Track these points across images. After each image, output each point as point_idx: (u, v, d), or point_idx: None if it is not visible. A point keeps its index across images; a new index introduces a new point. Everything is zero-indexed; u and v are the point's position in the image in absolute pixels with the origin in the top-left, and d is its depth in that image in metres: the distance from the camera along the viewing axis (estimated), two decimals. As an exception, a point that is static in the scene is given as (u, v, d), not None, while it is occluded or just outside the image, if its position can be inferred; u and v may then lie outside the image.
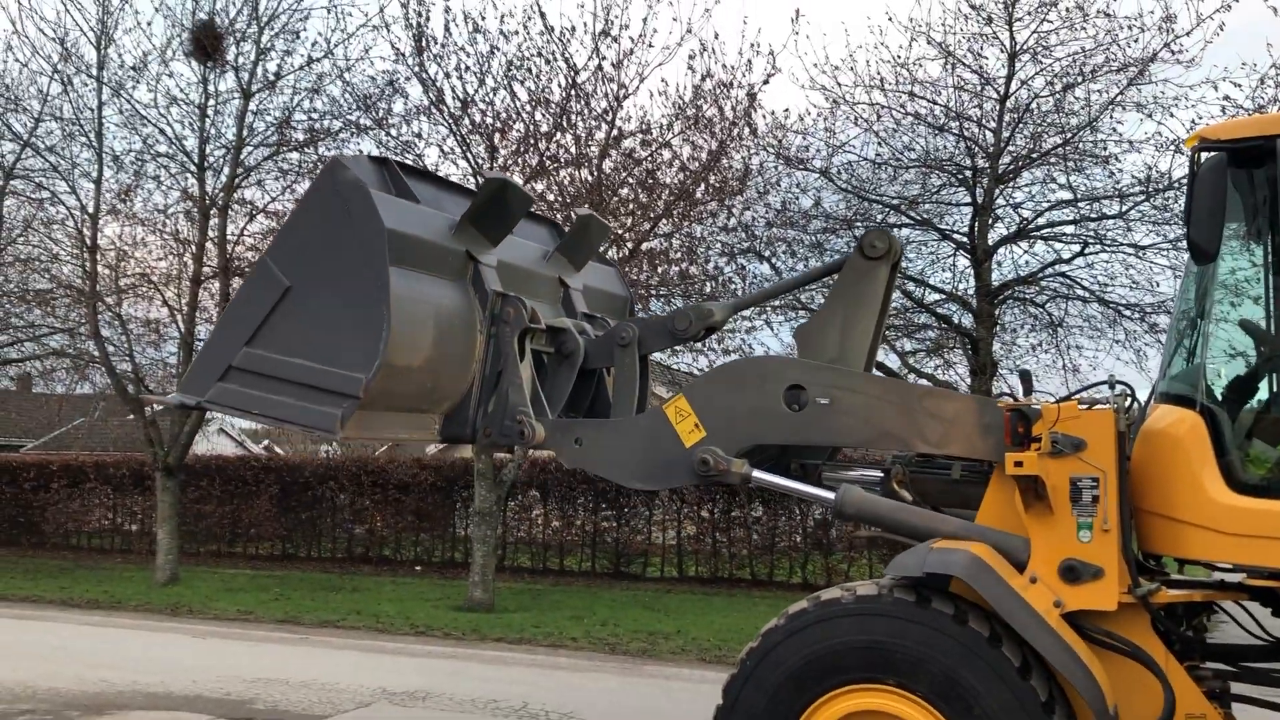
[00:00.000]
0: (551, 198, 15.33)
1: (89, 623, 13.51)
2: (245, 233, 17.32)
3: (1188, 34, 14.09)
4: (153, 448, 17.27)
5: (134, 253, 18.21)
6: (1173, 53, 14.24)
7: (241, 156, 16.76)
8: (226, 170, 16.86)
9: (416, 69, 15.22)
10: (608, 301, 6.45)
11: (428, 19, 15.22)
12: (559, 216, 15.45)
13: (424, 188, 5.42)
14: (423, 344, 4.99)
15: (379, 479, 21.05)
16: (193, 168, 16.99)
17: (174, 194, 17.74)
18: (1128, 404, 4.77)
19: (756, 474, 5.05)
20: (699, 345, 15.46)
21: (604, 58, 14.92)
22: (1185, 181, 4.68)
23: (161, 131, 17.08)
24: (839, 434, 5.02)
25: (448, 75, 15.12)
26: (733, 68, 15.39)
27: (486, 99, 15.24)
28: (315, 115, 16.84)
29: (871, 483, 5.18)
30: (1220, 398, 4.77)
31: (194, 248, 17.01)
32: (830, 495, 5.00)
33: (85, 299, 17.31)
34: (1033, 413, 4.53)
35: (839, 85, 16.15)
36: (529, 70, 15.14)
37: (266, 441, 39.57)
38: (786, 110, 17.92)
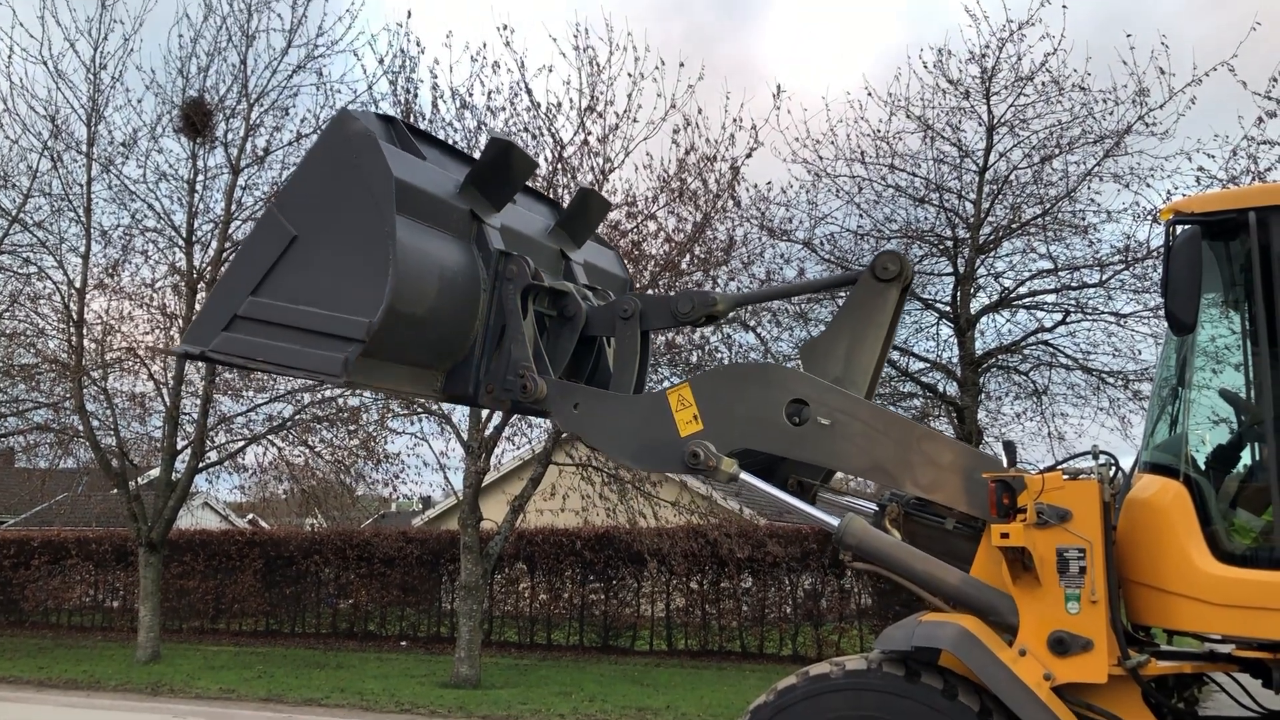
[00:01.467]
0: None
1: (67, 704, 13.25)
2: (232, 306, 17.32)
3: (1160, 107, 14.41)
4: (136, 523, 17.10)
5: (120, 327, 18.21)
6: (1147, 125, 14.55)
7: (229, 231, 16.85)
8: (214, 244, 16.94)
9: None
10: (608, 280, 6.46)
11: (415, 95, 15.47)
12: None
13: (429, 150, 5.49)
14: (427, 294, 5.03)
15: (364, 552, 20.85)
16: (180, 242, 17.08)
17: (161, 268, 17.81)
18: (1111, 473, 4.80)
19: (744, 476, 5.01)
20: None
21: (590, 132, 15.14)
22: (1162, 252, 4.75)
23: (150, 206, 17.22)
24: (832, 457, 5.01)
25: (435, 151, 15.25)
26: (716, 141, 15.60)
27: (473, 173, 15.36)
28: (304, 190, 16.94)
29: (866, 515, 5.15)
30: (1203, 467, 4.80)
31: (181, 321, 17.01)
32: (829, 519, 4.96)
33: (71, 373, 17.26)
34: (1018, 483, 4.54)
35: (820, 158, 16.42)
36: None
37: (251, 515, 39.17)
38: (769, 183, 18.16)
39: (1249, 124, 13.67)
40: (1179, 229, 4.63)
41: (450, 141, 15.38)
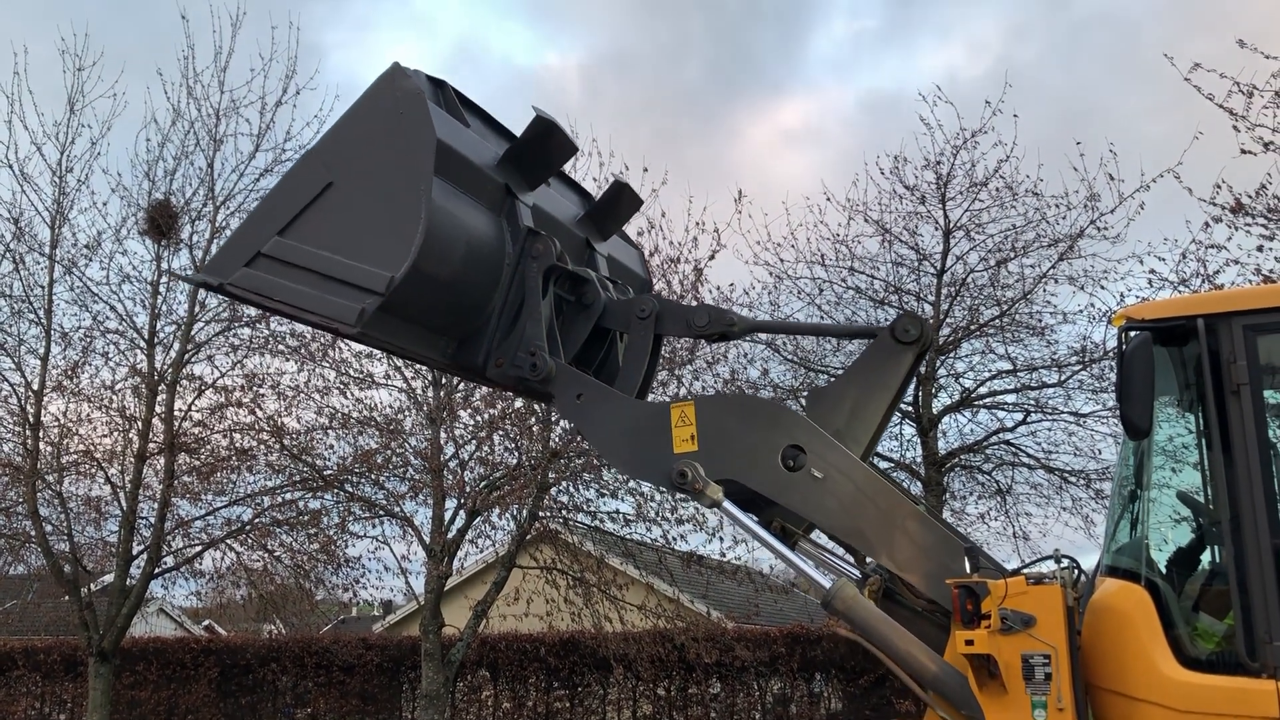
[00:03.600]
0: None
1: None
2: (193, 408, 17.19)
3: (1111, 212, 14.83)
4: (87, 631, 16.61)
5: (78, 430, 17.93)
6: (1099, 229, 14.96)
7: (192, 332, 16.77)
8: (176, 346, 16.84)
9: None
10: (629, 278, 6.43)
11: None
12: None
13: (474, 120, 5.50)
14: (452, 258, 5.03)
15: (323, 660, 20.35)
16: (142, 344, 16.96)
17: (122, 370, 17.63)
18: (1074, 577, 4.81)
19: (727, 505, 4.96)
20: None
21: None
22: (1115, 358, 4.85)
23: (112, 308, 17.11)
24: (815, 510, 4.96)
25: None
26: (680, 244, 15.85)
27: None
28: (268, 291, 16.95)
29: (850, 580, 5.06)
30: (1165, 570, 4.83)
31: (140, 424, 16.81)
32: (819, 576, 4.90)
33: (25, 477, 16.93)
34: (981, 589, 4.54)
35: (781, 261, 16.71)
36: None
37: (208, 622, 38.18)
38: (732, 284, 18.50)
39: (1197, 228, 14.08)
40: (1131, 335, 4.74)
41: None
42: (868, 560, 5.36)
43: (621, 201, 6.33)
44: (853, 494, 4.89)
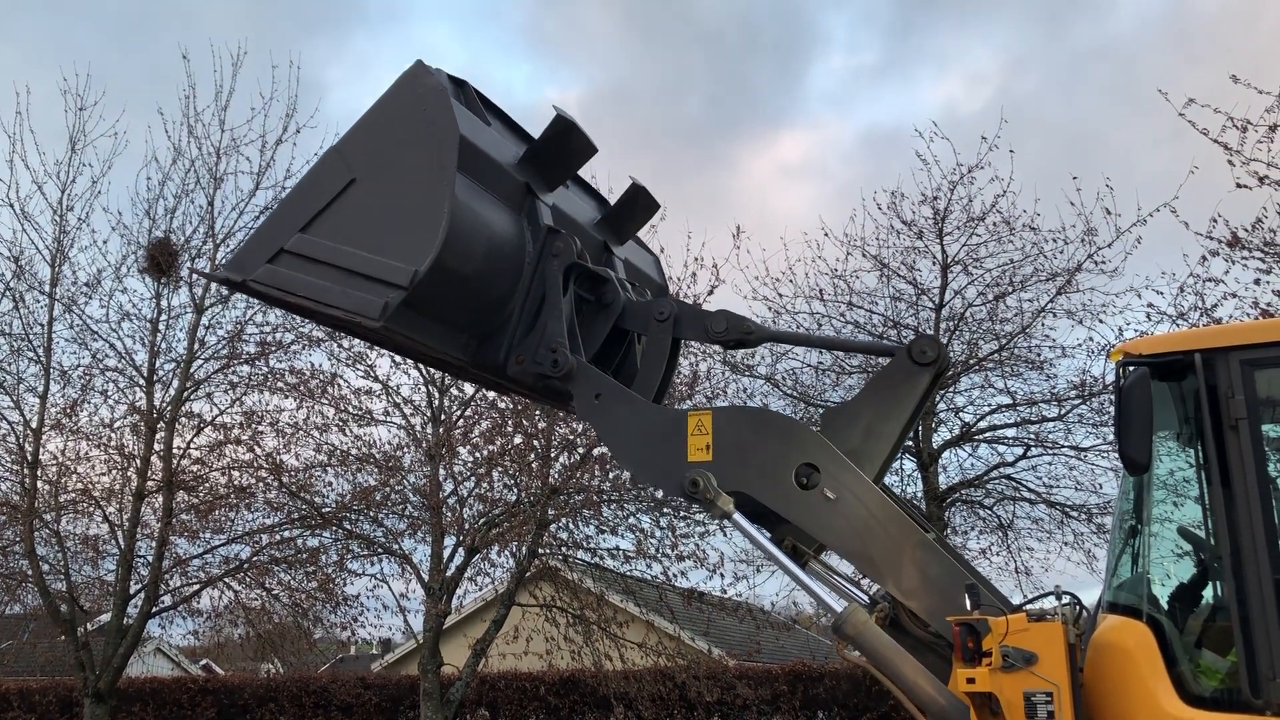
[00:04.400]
0: (503, 405, 15.44)
1: None
2: (192, 445, 17.16)
3: (1109, 245, 14.87)
4: (83, 671, 16.48)
5: (76, 468, 17.88)
6: (1096, 263, 15.00)
7: (191, 370, 16.77)
8: (176, 384, 16.83)
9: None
10: (645, 283, 6.45)
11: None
12: (510, 424, 15.54)
13: (494, 121, 5.53)
14: (474, 254, 5.06)
15: (321, 699, 20.19)
16: (141, 381, 16.96)
17: (120, 408, 17.61)
18: (1076, 614, 4.77)
19: (738, 517, 4.94)
20: None
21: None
22: (1113, 393, 4.85)
23: (112, 346, 17.12)
24: (825, 531, 4.93)
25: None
26: (679, 279, 15.87)
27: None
28: (268, 328, 17.02)
29: (861, 605, 5.00)
30: (1166, 607, 4.80)
31: (139, 462, 16.77)
32: (829, 599, 4.85)
33: (23, 516, 16.86)
34: (982, 626, 4.50)
35: (780, 296, 16.74)
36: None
37: (205, 661, 37.89)
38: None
39: (1194, 262, 14.11)
40: (1128, 370, 4.74)
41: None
42: (878, 589, 5.32)
43: (638, 204, 6.33)
44: (864, 518, 4.86)
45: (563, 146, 5.52)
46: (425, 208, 4.87)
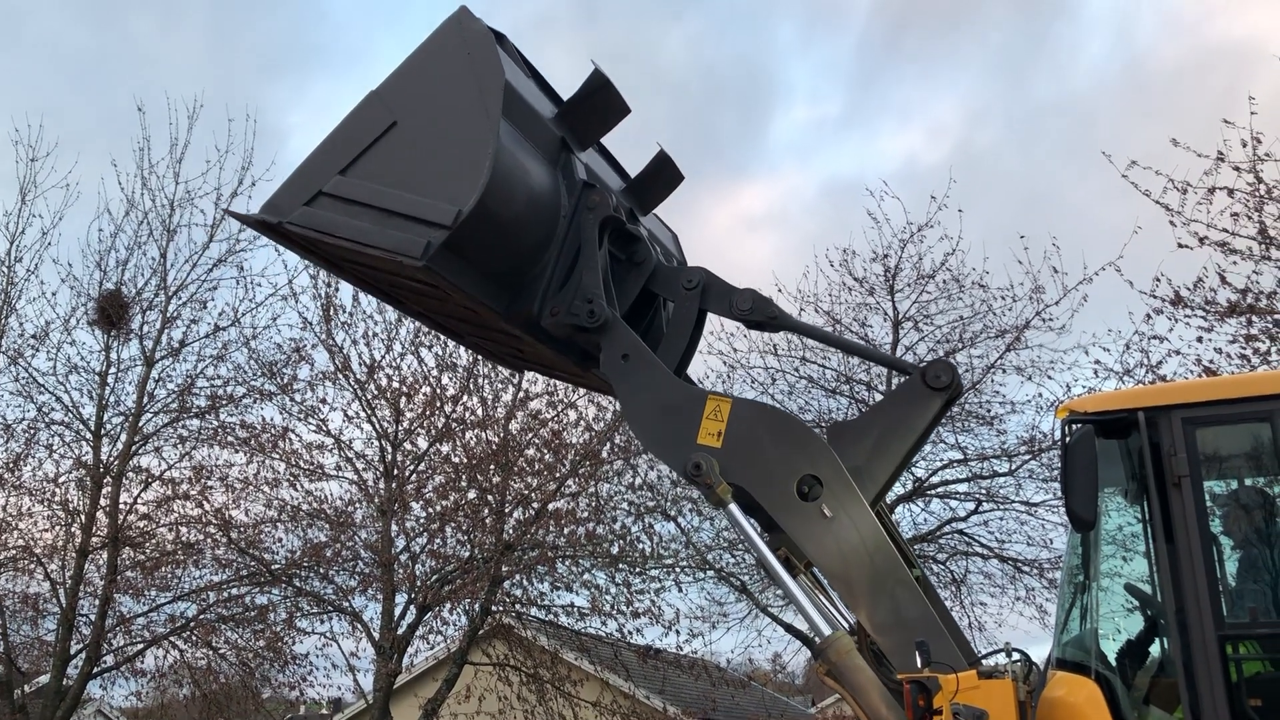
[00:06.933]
0: (457, 460, 15.34)
1: None
2: (139, 501, 16.84)
3: (1056, 303, 15.12)
4: (19, 737, 15.97)
5: (17, 524, 17.46)
6: (1044, 320, 15.23)
7: (140, 424, 16.50)
8: (124, 437, 16.55)
9: (324, 336, 15.46)
10: (666, 258, 6.41)
11: (337, 289, 15.61)
12: (464, 479, 15.42)
13: (529, 79, 5.56)
14: (515, 200, 5.08)
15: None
16: (88, 435, 16.65)
17: (66, 462, 17.25)
18: (1025, 670, 4.80)
19: (734, 509, 4.93)
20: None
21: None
22: (1060, 450, 4.92)
23: (58, 399, 16.81)
24: (813, 545, 4.92)
25: (354, 342, 15.40)
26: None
27: (393, 364, 15.48)
28: (218, 382, 16.81)
29: (846, 632, 4.94)
30: (1114, 663, 4.85)
31: (83, 518, 16.41)
32: (817, 618, 4.77)
33: (-41, 575, 16.43)
34: (933, 684, 4.51)
35: (734, 350, 16.81)
36: (436, 336, 15.47)
37: (147, 722, 36.79)
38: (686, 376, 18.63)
39: (1139, 320, 14.40)
40: (1074, 427, 4.82)
41: (371, 333, 15.55)
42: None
43: (663, 174, 6.34)
44: (854, 543, 4.87)
45: (597, 104, 5.57)
46: (468, 150, 4.89)
